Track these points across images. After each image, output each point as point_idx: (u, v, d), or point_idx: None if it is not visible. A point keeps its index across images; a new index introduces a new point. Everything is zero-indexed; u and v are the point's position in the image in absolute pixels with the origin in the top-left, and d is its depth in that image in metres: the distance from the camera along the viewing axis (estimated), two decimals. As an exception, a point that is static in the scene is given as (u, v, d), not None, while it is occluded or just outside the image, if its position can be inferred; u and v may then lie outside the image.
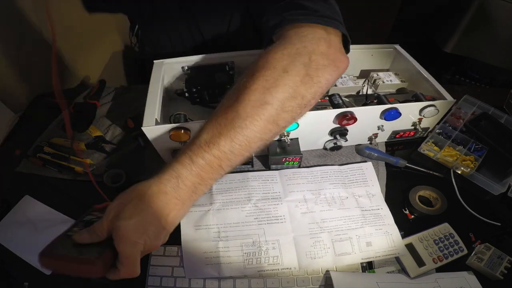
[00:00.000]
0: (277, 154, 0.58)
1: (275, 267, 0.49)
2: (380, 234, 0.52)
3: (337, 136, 0.59)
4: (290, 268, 0.49)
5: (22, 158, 0.65)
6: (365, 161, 0.63)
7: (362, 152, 0.63)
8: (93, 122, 0.72)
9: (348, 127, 0.58)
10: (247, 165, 0.61)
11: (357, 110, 0.55)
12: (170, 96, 0.72)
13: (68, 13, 0.92)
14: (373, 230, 0.53)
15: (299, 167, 0.61)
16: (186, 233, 0.52)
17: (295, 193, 0.57)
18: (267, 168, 0.62)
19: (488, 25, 1.15)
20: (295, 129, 0.55)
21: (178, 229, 0.53)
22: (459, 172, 0.61)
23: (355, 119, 0.55)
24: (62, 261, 0.38)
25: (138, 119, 0.68)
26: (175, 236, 0.52)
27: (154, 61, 0.66)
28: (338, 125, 0.58)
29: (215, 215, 0.54)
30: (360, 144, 0.66)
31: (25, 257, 0.51)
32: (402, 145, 0.68)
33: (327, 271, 0.49)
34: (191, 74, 0.66)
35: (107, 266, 0.38)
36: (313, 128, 0.58)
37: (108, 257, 0.39)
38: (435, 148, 0.64)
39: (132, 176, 0.61)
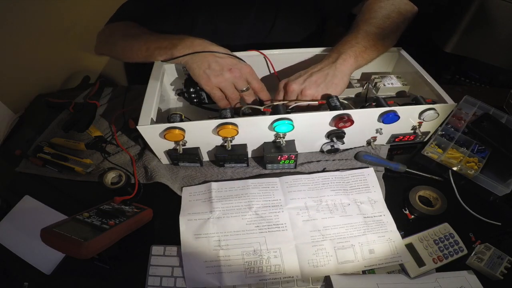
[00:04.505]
0: (272, 153, 0.57)
1: (277, 275, 0.48)
2: (383, 242, 0.51)
3: (334, 139, 0.59)
4: (293, 277, 0.48)
5: (22, 158, 0.65)
6: (367, 167, 0.61)
7: (361, 160, 0.63)
8: (93, 122, 0.72)
9: (345, 130, 0.58)
10: (242, 164, 0.61)
11: (354, 113, 0.54)
12: (171, 96, 0.72)
13: (68, 13, 0.92)
14: (375, 237, 0.52)
15: (295, 167, 0.61)
16: (186, 242, 0.51)
17: (296, 200, 0.56)
18: (263, 167, 0.61)
19: (488, 25, 1.15)
20: (291, 131, 0.54)
21: (177, 228, 0.53)
22: (463, 173, 0.61)
23: (352, 122, 0.54)
24: (57, 238, 0.41)
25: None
26: (175, 236, 0.52)
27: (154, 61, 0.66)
28: (335, 128, 0.57)
29: (215, 224, 0.53)
30: (359, 151, 0.64)
31: (25, 257, 0.51)
32: (402, 150, 0.67)
33: (327, 273, 0.49)
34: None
35: (93, 250, 0.41)
36: (309, 130, 0.58)
37: (98, 244, 0.41)
38: (439, 150, 0.63)
39: (132, 178, 0.61)
